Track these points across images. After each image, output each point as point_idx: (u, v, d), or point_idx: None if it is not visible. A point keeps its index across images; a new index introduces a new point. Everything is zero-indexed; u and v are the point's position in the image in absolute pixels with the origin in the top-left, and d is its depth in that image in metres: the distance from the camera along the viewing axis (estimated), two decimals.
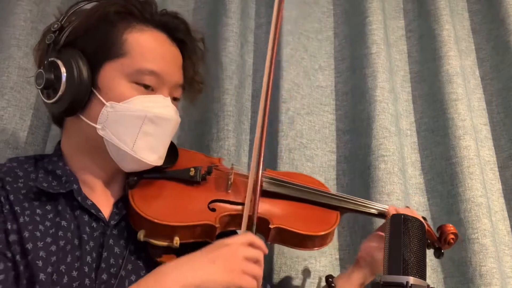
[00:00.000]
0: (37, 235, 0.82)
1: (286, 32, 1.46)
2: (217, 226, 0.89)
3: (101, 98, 0.87)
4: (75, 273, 0.81)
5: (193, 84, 1.02)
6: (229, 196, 0.96)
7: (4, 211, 0.83)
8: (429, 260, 1.26)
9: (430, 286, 0.79)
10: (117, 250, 0.87)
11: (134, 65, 0.88)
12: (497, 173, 1.43)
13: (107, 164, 0.92)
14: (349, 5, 1.57)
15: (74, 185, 0.89)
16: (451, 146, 1.35)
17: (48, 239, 0.82)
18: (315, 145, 1.41)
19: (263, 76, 0.95)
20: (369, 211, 1.06)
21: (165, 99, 0.92)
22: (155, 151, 0.91)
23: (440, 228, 1.07)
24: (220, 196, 0.95)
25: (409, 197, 1.36)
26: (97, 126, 0.87)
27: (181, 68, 0.97)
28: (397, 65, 1.55)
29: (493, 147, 1.46)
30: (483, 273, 1.19)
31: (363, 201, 1.07)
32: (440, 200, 1.35)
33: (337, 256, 1.30)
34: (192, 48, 1.01)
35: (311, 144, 1.40)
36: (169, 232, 0.87)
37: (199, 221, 0.89)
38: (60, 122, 0.97)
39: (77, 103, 0.87)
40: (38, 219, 0.84)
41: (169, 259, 0.87)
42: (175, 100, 0.96)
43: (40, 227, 0.83)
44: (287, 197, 1.01)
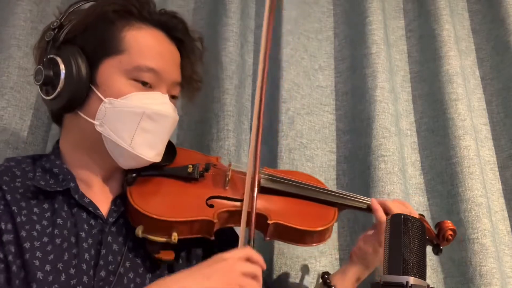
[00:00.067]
0: (34, 235, 0.82)
1: (286, 32, 1.46)
2: (215, 222, 0.89)
3: (100, 95, 0.88)
4: (73, 271, 0.81)
5: (191, 83, 1.02)
6: (227, 193, 0.96)
7: None
8: (429, 260, 1.25)
9: (430, 286, 0.79)
10: (116, 247, 0.87)
11: (133, 62, 0.89)
12: (497, 173, 1.43)
13: (105, 162, 0.92)
14: (349, 5, 1.57)
15: (71, 183, 0.89)
16: (451, 146, 1.35)
17: (45, 239, 0.82)
18: (315, 145, 1.41)
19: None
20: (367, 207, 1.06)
21: (163, 96, 0.92)
22: (153, 148, 0.91)
23: (438, 225, 1.07)
24: (218, 193, 0.95)
25: (409, 197, 1.35)
26: (95, 122, 0.88)
27: (179, 67, 0.98)
28: (397, 65, 1.55)
29: (493, 147, 1.46)
30: (483, 273, 1.19)
31: (361, 198, 1.07)
32: (440, 200, 1.35)
33: (337, 256, 1.30)
34: (190, 47, 1.01)
35: (311, 144, 1.40)
36: (167, 228, 0.87)
37: (197, 217, 0.89)
38: (59, 120, 0.97)
39: (76, 100, 0.88)
40: (35, 218, 0.84)
41: (167, 255, 0.88)
42: (173, 98, 0.97)
43: (37, 227, 0.83)
44: (285, 194, 1.02)
